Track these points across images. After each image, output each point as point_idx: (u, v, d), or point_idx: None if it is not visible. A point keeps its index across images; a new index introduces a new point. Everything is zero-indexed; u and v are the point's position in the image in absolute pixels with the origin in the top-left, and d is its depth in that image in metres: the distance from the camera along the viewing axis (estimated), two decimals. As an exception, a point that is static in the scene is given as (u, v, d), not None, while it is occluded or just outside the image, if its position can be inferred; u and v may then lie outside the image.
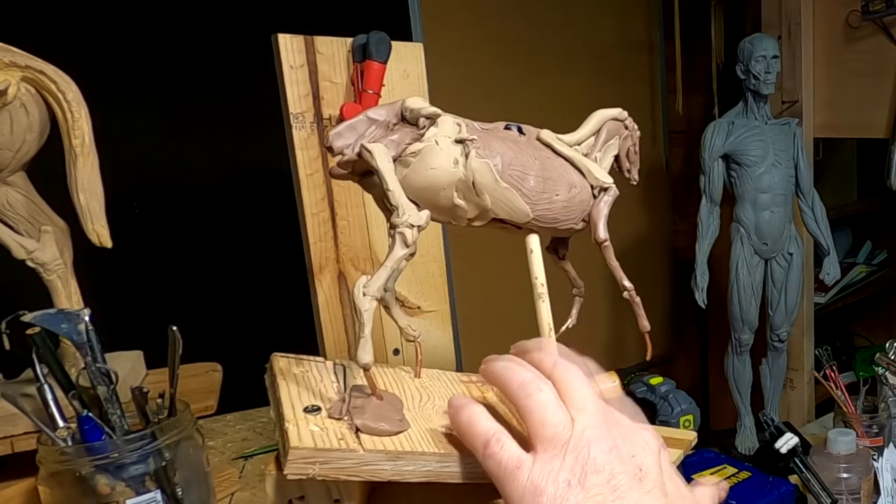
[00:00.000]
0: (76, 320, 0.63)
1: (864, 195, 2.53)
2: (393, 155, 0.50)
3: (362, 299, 0.48)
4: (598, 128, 0.60)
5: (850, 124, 1.85)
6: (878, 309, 2.51)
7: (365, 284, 0.48)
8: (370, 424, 0.51)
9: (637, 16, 2.40)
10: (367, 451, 0.48)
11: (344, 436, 0.50)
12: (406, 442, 0.50)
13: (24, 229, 0.75)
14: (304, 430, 0.49)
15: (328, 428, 0.50)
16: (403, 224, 0.48)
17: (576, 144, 0.58)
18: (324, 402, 0.54)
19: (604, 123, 0.60)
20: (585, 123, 0.60)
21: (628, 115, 0.62)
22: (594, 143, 0.60)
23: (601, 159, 0.59)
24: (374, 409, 0.52)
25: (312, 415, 0.52)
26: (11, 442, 0.71)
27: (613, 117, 0.61)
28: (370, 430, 0.50)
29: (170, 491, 0.63)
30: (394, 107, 0.52)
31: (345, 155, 0.50)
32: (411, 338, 0.62)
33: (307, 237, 0.77)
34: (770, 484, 1.27)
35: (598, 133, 0.60)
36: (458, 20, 2.01)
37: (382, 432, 0.51)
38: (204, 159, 1.65)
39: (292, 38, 0.75)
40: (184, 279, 1.63)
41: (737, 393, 1.80)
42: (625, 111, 0.61)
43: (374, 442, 0.50)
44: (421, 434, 0.52)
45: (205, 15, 1.59)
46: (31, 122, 0.71)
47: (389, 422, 0.51)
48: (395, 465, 0.49)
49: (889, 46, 1.75)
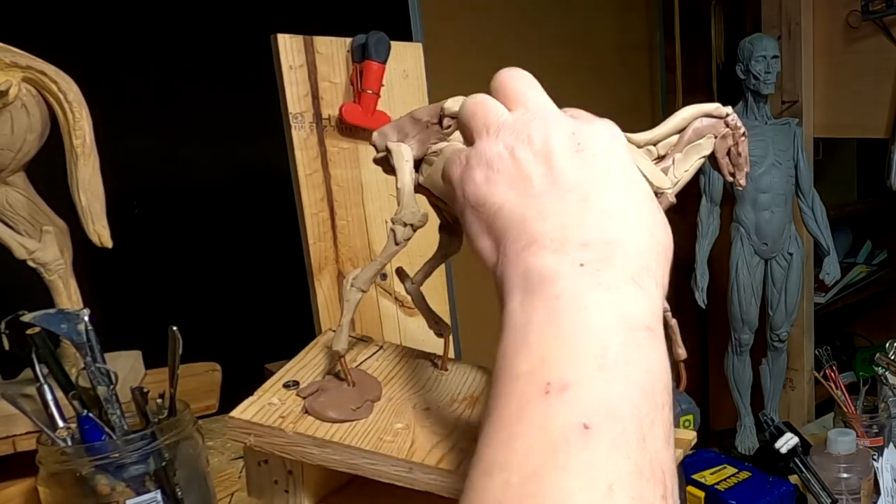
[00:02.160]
0: (76, 320, 0.63)
1: (864, 195, 2.53)
2: (417, 154, 0.50)
3: (349, 290, 0.52)
4: (684, 125, 0.52)
5: (850, 124, 1.85)
6: (878, 309, 2.51)
7: (355, 277, 0.52)
8: (317, 409, 0.53)
9: (637, 16, 2.40)
10: (296, 433, 0.51)
11: (289, 415, 0.53)
12: (341, 432, 0.52)
13: (25, 229, 0.75)
14: (258, 403, 0.54)
15: (284, 404, 0.54)
16: (397, 221, 0.50)
17: (648, 144, 0.52)
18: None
19: (692, 120, 0.53)
20: (668, 120, 0.53)
21: (732, 111, 0.53)
22: (677, 141, 0.52)
23: (680, 161, 0.52)
24: (336, 394, 0.54)
25: (288, 389, 0.55)
26: (12, 442, 0.71)
27: (706, 113, 0.53)
28: (316, 414, 0.53)
29: (170, 491, 0.63)
30: (435, 107, 0.52)
31: (378, 153, 0.52)
32: (440, 331, 0.62)
33: (306, 237, 0.77)
34: (770, 484, 1.27)
35: (684, 131, 0.52)
36: (458, 20, 2.01)
37: (326, 418, 0.53)
38: (204, 159, 1.65)
39: (291, 38, 0.75)
40: (184, 279, 1.63)
41: (737, 393, 1.80)
42: (726, 107, 0.53)
43: (310, 426, 0.52)
44: (368, 427, 0.53)
45: (205, 15, 1.59)
46: (32, 122, 0.71)
47: (340, 410, 0.53)
48: (322, 451, 0.51)
49: (889, 46, 1.75)
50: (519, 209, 0.36)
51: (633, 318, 0.33)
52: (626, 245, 0.35)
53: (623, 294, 0.33)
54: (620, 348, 0.32)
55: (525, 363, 0.32)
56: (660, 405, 0.32)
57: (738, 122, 0.53)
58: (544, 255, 0.34)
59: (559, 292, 0.33)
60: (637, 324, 0.33)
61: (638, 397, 0.31)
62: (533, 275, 0.34)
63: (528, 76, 0.43)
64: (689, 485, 1.26)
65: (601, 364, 0.31)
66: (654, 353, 0.33)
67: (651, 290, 0.34)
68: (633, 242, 0.35)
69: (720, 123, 0.53)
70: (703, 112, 0.52)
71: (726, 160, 0.54)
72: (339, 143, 0.78)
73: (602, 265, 0.34)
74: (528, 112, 0.39)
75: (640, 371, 0.32)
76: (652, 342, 0.33)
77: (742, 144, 0.53)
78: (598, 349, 0.32)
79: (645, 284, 0.34)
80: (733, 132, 0.53)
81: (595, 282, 0.33)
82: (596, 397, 0.31)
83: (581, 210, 0.35)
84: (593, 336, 0.32)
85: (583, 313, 0.33)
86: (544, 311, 0.33)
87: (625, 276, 0.34)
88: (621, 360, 0.32)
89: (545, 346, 0.32)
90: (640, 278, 0.34)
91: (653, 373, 0.32)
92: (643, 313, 0.34)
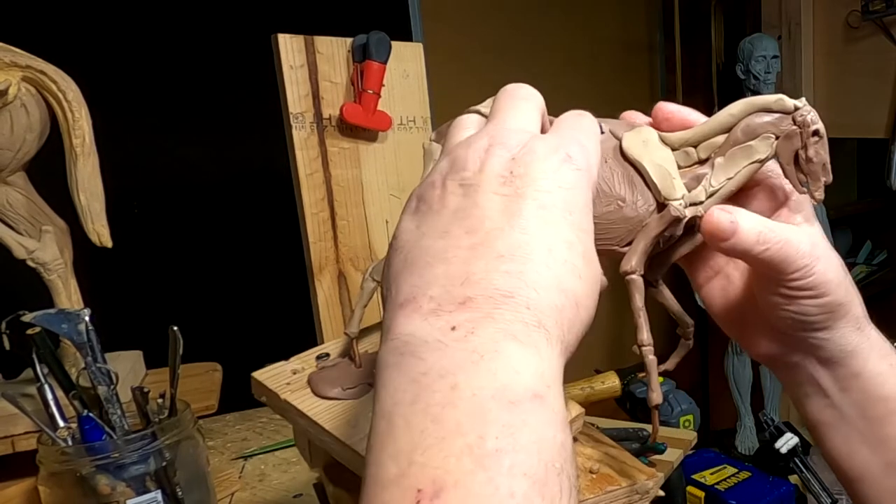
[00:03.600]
0: (76, 320, 0.63)
1: (864, 195, 2.53)
2: None
3: (366, 280, 0.54)
4: (731, 123, 0.42)
5: (850, 124, 1.85)
6: (878, 309, 2.49)
7: (373, 269, 0.54)
8: (314, 382, 0.56)
9: (637, 16, 2.40)
10: (286, 401, 0.55)
11: (295, 383, 0.57)
12: (323, 408, 0.55)
13: (25, 229, 0.76)
14: (281, 367, 0.58)
15: (302, 373, 0.57)
16: None
17: (685, 145, 0.44)
18: None
19: (742, 117, 0.42)
20: (714, 116, 0.43)
21: (804, 104, 0.42)
22: (723, 142, 0.43)
23: (721, 167, 0.43)
24: (339, 373, 0.57)
25: (318, 361, 0.59)
26: (12, 441, 0.71)
27: (763, 107, 0.42)
28: (313, 388, 0.56)
29: (170, 491, 0.63)
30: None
31: None
32: None
33: (307, 237, 0.77)
34: (770, 484, 1.27)
35: (732, 130, 0.42)
36: (458, 20, 2.01)
37: (317, 392, 0.55)
38: (204, 159, 1.65)
39: (292, 38, 0.75)
40: (184, 279, 1.63)
41: (737, 393, 1.80)
42: (793, 101, 0.41)
43: (300, 397, 0.55)
44: (349, 409, 0.55)
45: (205, 15, 1.59)
46: (32, 122, 0.71)
47: (332, 387, 0.55)
48: (304, 421, 0.55)
49: (889, 46, 1.75)
50: (414, 251, 0.32)
51: (514, 388, 0.28)
52: (517, 297, 0.29)
53: (503, 359, 0.28)
54: (501, 431, 0.27)
55: (393, 465, 0.27)
56: (556, 471, 0.27)
57: (810, 118, 0.41)
58: (414, 321, 0.30)
59: (426, 369, 0.28)
60: (520, 394, 0.28)
61: (528, 487, 0.26)
62: (401, 345, 0.29)
63: (518, 94, 0.38)
64: (689, 485, 1.26)
65: (478, 456, 0.26)
66: (545, 425, 0.28)
67: (541, 349, 0.29)
68: (526, 294, 0.30)
69: (784, 120, 0.42)
70: (757, 106, 0.42)
71: (792, 167, 0.43)
72: (340, 143, 0.78)
73: (478, 325, 0.29)
74: (481, 134, 0.35)
75: (528, 454, 0.27)
76: (542, 411, 0.28)
77: (815, 147, 0.42)
78: (474, 438, 0.26)
79: (533, 342, 0.29)
80: (801, 131, 0.41)
81: (467, 350, 0.28)
82: (477, 498, 0.26)
83: (473, 257, 0.30)
84: (467, 422, 0.27)
85: (452, 394, 0.27)
86: (410, 393, 0.28)
87: (506, 334, 0.29)
88: (504, 447, 0.26)
89: (413, 441, 0.27)
90: (526, 336, 0.29)
91: (545, 446, 0.27)
92: (528, 379, 0.28)
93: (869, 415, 0.45)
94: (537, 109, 0.38)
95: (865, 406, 0.45)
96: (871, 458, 0.46)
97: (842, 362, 0.45)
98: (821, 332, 0.43)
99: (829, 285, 0.42)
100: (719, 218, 0.40)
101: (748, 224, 0.40)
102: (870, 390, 0.45)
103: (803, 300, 0.42)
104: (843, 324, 0.44)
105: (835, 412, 0.46)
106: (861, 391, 0.45)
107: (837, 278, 0.42)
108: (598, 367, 1.52)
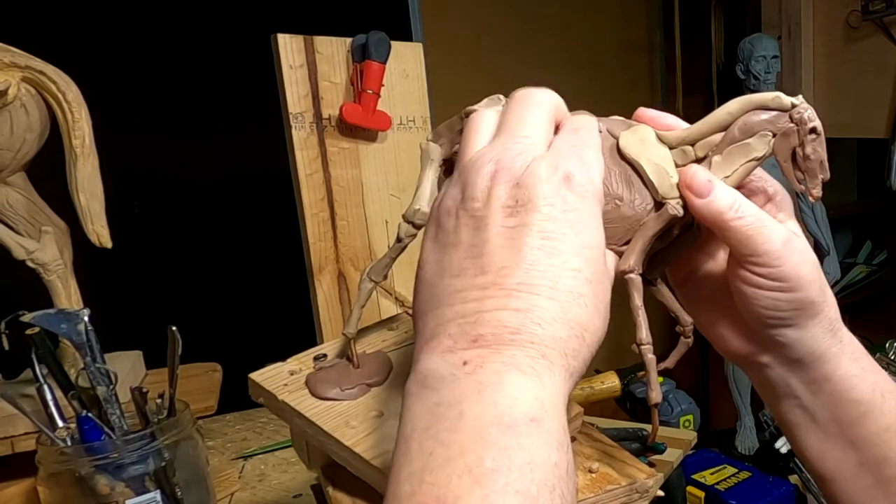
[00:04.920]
0: (76, 320, 0.63)
1: (864, 195, 2.53)
2: (446, 155, 0.50)
3: (364, 280, 0.54)
4: (728, 121, 0.43)
5: (850, 124, 1.85)
6: (878, 309, 2.51)
7: (371, 269, 0.54)
8: (311, 383, 0.56)
9: (637, 16, 2.40)
10: (283, 402, 0.55)
11: (293, 383, 0.56)
12: (320, 408, 0.55)
13: (24, 230, 0.76)
14: (279, 368, 0.58)
15: (300, 373, 0.57)
16: (403, 217, 0.50)
17: (682, 144, 0.44)
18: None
19: (739, 115, 0.42)
20: (711, 114, 0.43)
21: (801, 101, 0.42)
22: (720, 140, 0.43)
23: (718, 165, 0.43)
24: (337, 373, 0.56)
25: (316, 361, 0.59)
26: (11, 442, 0.71)
27: (759, 105, 0.42)
28: (311, 389, 0.56)
29: (169, 491, 0.62)
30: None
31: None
32: None
33: (307, 237, 0.77)
34: (770, 484, 1.27)
35: (730, 128, 0.43)
36: (458, 20, 2.02)
37: (314, 393, 0.55)
38: (204, 159, 1.65)
39: (292, 39, 0.75)
40: (183, 279, 1.63)
41: (737, 393, 1.80)
42: (790, 98, 0.42)
43: (298, 397, 0.55)
44: (346, 409, 0.54)
45: (205, 15, 1.59)
46: (32, 122, 0.71)
47: (329, 388, 0.55)
48: (301, 421, 0.55)
49: (889, 46, 1.75)
50: (437, 289, 0.35)
51: (512, 414, 0.31)
52: (523, 333, 0.32)
53: (505, 389, 0.31)
54: (498, 452, 0.30)
55: (406, 482, 0.31)
56: (549, 489, 0.30)
57: (807, 115, 0.41)
58: (434, 358, 0.33)
59: (440, 399, 0.32)
60: (518, 419, 0.31)
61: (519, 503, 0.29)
62: (422, 378, 0.33)
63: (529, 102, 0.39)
64: (689, 485, 1.26)
65: (476, 475, 0.29)
66: (540, 447, 0.31)
67: (544, 378, 0.32)
68: (531, 330, 0.32)
69: (780, 117, 0.42)
70: (755, 103, 0.42)
71: (790, 165, 0.43)
72: (340, 143, 0.78)
73: (486, 360, 0.32)
74: (488, 156, 0.36)
75: (522, 473, 0.30)
76: (537, 434, 0.31)
77: (812, 144, 0.42)
78: (474, 458, 0.30)
79: (535, 372, 0.32)
80: (798, 128, 0.42)
81: (474, 381, 0.32)
82: None
83: (484, 296, 0.33)
84: (469, 445, 0.30)
85: (458, 421, 0.31)
86: (425, 420, 0.32)
87: (510, 367, 0.32)
88: (499, 466, 0.29)
89: (423, 462, 0.31)
90: (529, 367, 0.32)
91: (538, 466, 0.30)
92: (526, 406, 0.31)
93: (840, 417, 0.45)
94: (547, 116, 0.39)
95: (837, 409, 0.45)
96: (843, 458, 0.46)
97: (812, 365, 0.45)
98: (791, 330, 0.44)
99: (801, 280, 0.42)
100: (697, 172, 0.42)
101: (726, 190, 0.42)
102: (841, 393, 0.45)
103: (775, 292, 0.42)
104: (815, 324, 0.44)
105: (805, 413, 0.46)
106: (832, 394, 0.45)
107: (811, 276, 0.43)
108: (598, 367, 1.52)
